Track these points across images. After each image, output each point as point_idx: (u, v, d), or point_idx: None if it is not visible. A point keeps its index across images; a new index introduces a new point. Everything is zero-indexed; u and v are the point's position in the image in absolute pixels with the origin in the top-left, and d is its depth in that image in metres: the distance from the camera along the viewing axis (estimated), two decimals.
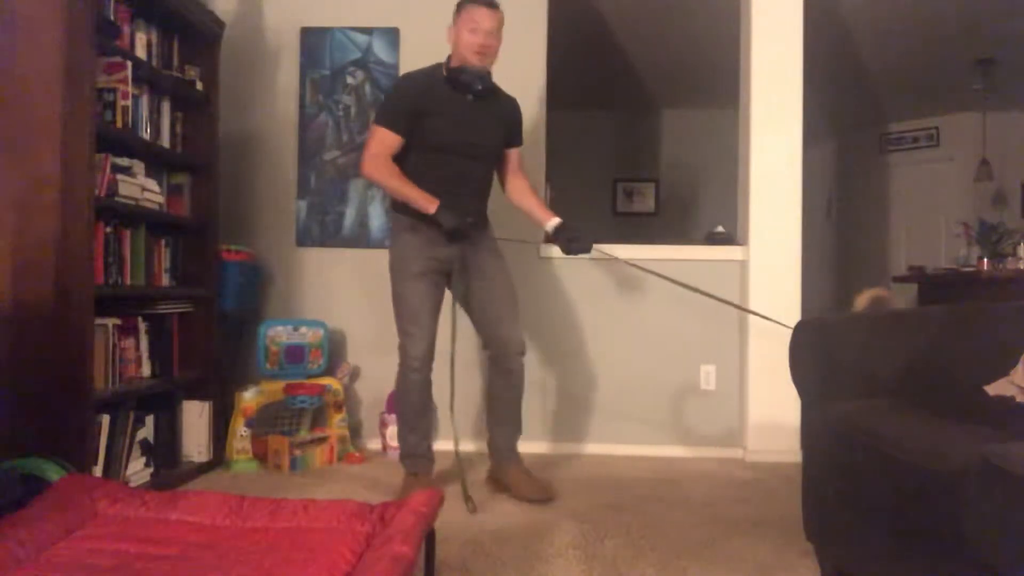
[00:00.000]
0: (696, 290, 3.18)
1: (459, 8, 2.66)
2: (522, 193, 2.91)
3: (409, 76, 2.77)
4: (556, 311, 3.64)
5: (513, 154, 2.90)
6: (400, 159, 2.67)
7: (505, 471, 2.79)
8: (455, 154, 2.67)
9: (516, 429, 2.85)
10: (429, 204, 2.57)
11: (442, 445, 3.45)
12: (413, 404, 2.71)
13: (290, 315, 3.64)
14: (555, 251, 3.63)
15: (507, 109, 2.84)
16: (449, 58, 2.71)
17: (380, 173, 2.63)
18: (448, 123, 2.64)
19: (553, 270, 3.64)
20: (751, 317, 3.47)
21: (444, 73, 2.67)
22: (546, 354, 3.64)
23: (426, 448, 2.78)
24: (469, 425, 3.51)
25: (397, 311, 2.71)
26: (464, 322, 2.83)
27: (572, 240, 2.75)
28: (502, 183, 2.93)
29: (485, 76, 2.68)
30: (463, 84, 2.64)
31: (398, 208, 2.72)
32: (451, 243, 2.65)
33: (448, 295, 2.81)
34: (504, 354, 2.76)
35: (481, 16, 2.61)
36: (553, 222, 2.80)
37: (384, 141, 2.63)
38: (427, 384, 2.72)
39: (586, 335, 3.64)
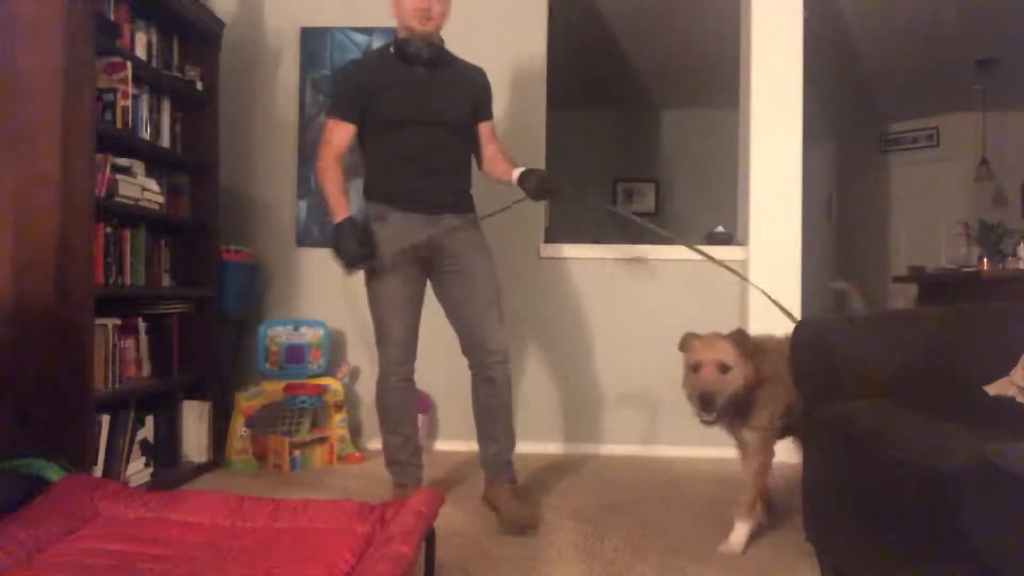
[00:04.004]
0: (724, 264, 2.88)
1: None
2: (493, 161, 2.63)
3: (355, 60, 2.61)
4: (556, 311, 3.64)
5: (484, 128, 2.64)
6: (363, 142, 2.56)
7: (495, 490, 2.50)
8: (417, 125, 2.47)
9: (507, 444, 2.54)
10: (336, 214, 2.45)
11: (441, 445, 3.47)
12: (392, 406, 2.54)
13: (290, 315, 3.64)
14: (555, 251, 3.64)
15: (469, 78, 2.61)
16: (396, 32, 2.54)
17: (321, 177, 2.52)
18: (402, 96, 2.45)
19: (553, 270, 3.64)
20: (751, 318, 3.47)
21: (392, 49, 2.51)
22: (545, 354, 3.64)
23: (410, 454, 2.58)
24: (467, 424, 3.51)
25: (371, 311, 2.53)
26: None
27: (539, 180, 2.50)
28: (479, 162, 2.68)
29: (434, 44, 2.49)
30: (411, 56, 2.46)
31: (368, 194, 2.56)
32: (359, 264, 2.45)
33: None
34: (483, 362, 2.49)
35: None
36: (517, 171, 2.53)
37: (334, 132, 2.50)
38: (408, 385, 2.56)
39: (586, 335, 3.64)
